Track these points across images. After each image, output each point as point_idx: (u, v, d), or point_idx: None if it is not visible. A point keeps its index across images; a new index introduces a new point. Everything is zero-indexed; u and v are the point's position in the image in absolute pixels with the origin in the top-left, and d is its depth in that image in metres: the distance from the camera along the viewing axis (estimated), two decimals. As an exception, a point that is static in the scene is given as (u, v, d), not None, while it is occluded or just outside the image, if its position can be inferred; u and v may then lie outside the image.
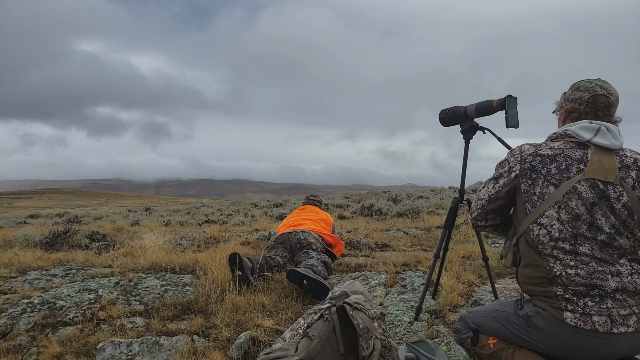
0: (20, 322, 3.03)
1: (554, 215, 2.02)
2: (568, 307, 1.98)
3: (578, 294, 1.97)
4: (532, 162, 2.08)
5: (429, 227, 7.56)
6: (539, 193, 2.05)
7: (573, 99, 2.16)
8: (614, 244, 1.98)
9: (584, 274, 1.96)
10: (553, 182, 2.03)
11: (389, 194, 15.12)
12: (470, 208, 2.49)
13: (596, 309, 1.94)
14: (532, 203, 2.07)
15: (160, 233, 7.48)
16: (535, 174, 2.06)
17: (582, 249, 1.99)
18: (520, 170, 2.11)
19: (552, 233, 2.02)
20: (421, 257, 4.87)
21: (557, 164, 2.04)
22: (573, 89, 2.18)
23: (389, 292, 3.71)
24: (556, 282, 2.01)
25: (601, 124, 2.05)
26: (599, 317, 1.93)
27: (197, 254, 5.15)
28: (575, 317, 1.96)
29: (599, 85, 2.12)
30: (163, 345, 2.70)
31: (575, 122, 2.13)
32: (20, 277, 4.06)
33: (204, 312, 3.32)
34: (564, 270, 1.99)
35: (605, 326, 1.92)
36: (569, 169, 2.02)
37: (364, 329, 2.22)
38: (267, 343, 2.71)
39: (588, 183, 1.99)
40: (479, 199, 2.34)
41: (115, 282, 3.89)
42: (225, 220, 11.71)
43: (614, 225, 1.98)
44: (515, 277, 4.03)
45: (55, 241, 6.33)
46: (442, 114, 3.02)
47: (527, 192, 2.09)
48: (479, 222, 2.40)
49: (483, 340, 2.33)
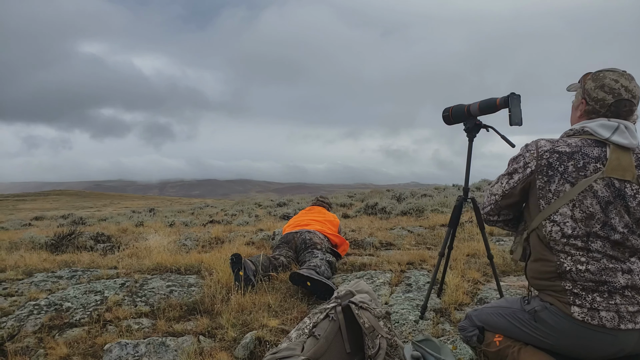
0: (28, 324, 3.05)
1: (568, 212, 2.01)
2: (576, 301, 1.98)
3: (587, 289, 1.97)
4: (549, 159, 2.05)
5: (433, 226, 7.56)
6: (555, 190, 2.04)
7: (595, 99, 2.08)
8: (627, 244, 1.98)
9: (595, 270, 1.96)
10: (570, 180, 2.01)
11: (392, 193, 15.10)
12: (481, 203, 2.48)
13: (604, 304, 1.94)
14: (546, 200, 2.06)
15: (165, 234, 7.50)
16: (552, 171, 2.04)
17: (594, 246, 1.98)
18: (536, 167, 2.08)
19: (564, 230, 2.01)
20: (426, 256, 4.87)
21: (574, 161, 2.02)
22: (597, 85, 2.08)
23: (394, 291, 3.71)
24: (565, 277, 2.01)
25: (620, 122, 2.03)
26: (606, 313, 1.93)
27: (202, 255, 5.16)
28: (582, 312, 1.95)
29: (624, 87, 2.03)
30: (169, 346, 2.71)
31: (593, 120, 2.09)
32: (27, 279, 4.08)
33: (209, 312, 3.33)
34: (575, 266, 1.98)
35: (612, 322, 1.92)
36: (586, 167, 2.00)
37: (370, 328, 2.22)
38: (273, 343, 2.72)
39: (604, 182, 1.98)
40: (492, 194, 2.32)
41: (121, 283, 3.91)
42: (229, 220, 11.73)
43: (627, 225, 1.98)
44: (520, 274, 4.01)
45: (61, 243, 6.36)
46: (445, 113, 3.01)
47: (542, 188, 2.07)
48: (491, 217, 2.39)
49: (489, 338, 2.34)
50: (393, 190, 16.61)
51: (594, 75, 2.12)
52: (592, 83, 2.10)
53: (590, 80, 2.12)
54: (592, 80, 2.11)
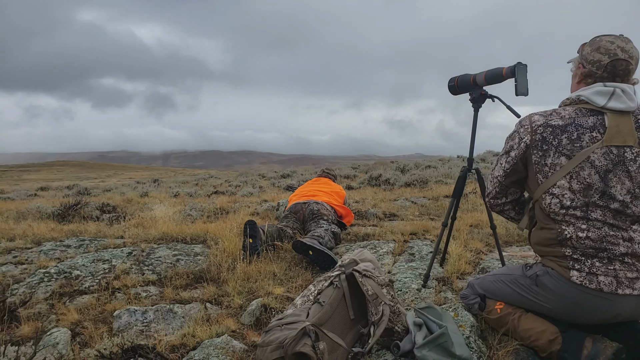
0: (39, 291, 3.12)
1: (566, 185, 2.02)
2: (575, 266, 2.02)
3: (586, 255, 2.00)
4: (542, 134, 2.06)
5: (437, 197, 7.59)
6: (551, 164, 2.05)
7: (591, 61, 2.07)
8: (627, 212, 1.99)
9: (595, 237, 1.99)
10: (565, 152, 2.02)
11: (396, 164, 15.10)
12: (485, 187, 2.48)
13: (603, 269, 1.97)
14: (543, 174, 2.08)
15: (170, 204, 7.55)
16: (546, 145, 2.05)
17: (594, 215, 2.00)
18: (530, 141, 2.09)
19: (563, 202, 2.03)
20: (429, 226, 4.91)
21: (568, 134, 2.02)
22: (593, 48, 2.07)
23: (397, 261, 3.76)
24: (566, 244, 2.04)
25: (616, 86, 2.01)
26: (605, 278, 1.97)
27: (207, 225, 5.21)
28: (581, 276, 1.99)
29: (620, 47, 2.02)
30: (177, 313, 2.77)
31: (589, 87, 2.07)
32: (36, 248, 4.15)
33: (215, 280, 3.39)
34: (575, 233, 2.01)
35: (610, 287, 1.95)
36: (581, 138, 2.00)
37: (373, 295, 2.26)
38: (279, 309, 2.78)
39: (602, 151, 1.98)
40: (494, 177, 2.32)
41: (128, 252, 3.97)
42: (233, 191, 11.79)
43: (630, 191, 1.98)
44: (523, 244, 4.05)
45: (67, 213, 6.43)
46: (451, 83, 3.00)
47: (537, 163, 2.08)
48: (499, 200, 2.39)
49: (490, 306, 2.38)
50: (397, 161, 16.62)
51: (590, 41, 2.12)
52: (589, 48, 2.10)
53: (587, 46, 2.12)
54: (588, 46, 2.11)
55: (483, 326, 2.45)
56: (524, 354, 2.23)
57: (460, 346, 2.05)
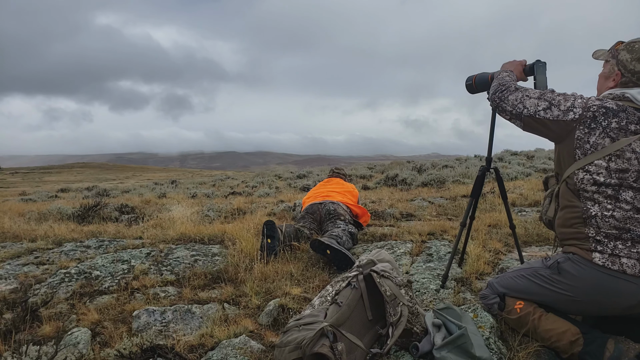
0: (60, 291, 3.16)
1: (603, 164, 2.03)
2: (597, 248, 2.02)
3: (609, 236, 2.00)
4: (595, 112, 2.05)
5: (454, 197, 7.52)
6: (593, 142, 2.04)
7: (632, 71, 2.10)
8: None
9: (620, 217, 1.99)
10: (611, 135, 2.02)
11: (413, 164, 15.03)
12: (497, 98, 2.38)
13: (626, 251, 1.97)
14: (583, 150, 2.07)
15: (188, 205, 7.61)
16: (595, 124, 2.04)
17: (625, 196, 2.01)
18: (580, 116, 2.07)
19: (597, 179, 2.04)
20: (447, 226, 4.86)
21: (618, 119, 2.02)
22: (633, 57, 2.09)
23: (415, 261, 3.73)
24: (590, 222, 2.04)
25: None
26: (628, 260, 1.96)
27: (224, 225, 5.24)
28: (603, 258, 2.00)
29: None
30: (195, 313, 2.78)
31: (630, 87, 2.10)
32: (57, 249, 4.21)
33: (233, 281, 3.40)
34: (601, 212, 2.02)
35: (634, 269, 1.95)
36: (628, 127, 2.01)
37: (391, 295, 2.25)
38: (296, 310, 2.78)
39: None
40: (524, 103, 2.22)
41: (147, 253, 4.01)
42: (250, 192, 11.84)
43: None
44: (542, 244, 3.99)
45: (87, 214, 6.52)
46: (468, 81, 2.97)
47: (580, 139, 2.07)
48: (506, 107, 2.30)
49: (510, 305, 2.35)
50: (414, 161, 16.54)
51: (628, 46, 2.13)
52: (628, 55, 2.11)
53: (624, 51, 2.13)
54: (627, 52, 2.12)
55: (503, 327, 2.41)
56: (545, 355, 2.20)
57: (480, 347, 2.03)
